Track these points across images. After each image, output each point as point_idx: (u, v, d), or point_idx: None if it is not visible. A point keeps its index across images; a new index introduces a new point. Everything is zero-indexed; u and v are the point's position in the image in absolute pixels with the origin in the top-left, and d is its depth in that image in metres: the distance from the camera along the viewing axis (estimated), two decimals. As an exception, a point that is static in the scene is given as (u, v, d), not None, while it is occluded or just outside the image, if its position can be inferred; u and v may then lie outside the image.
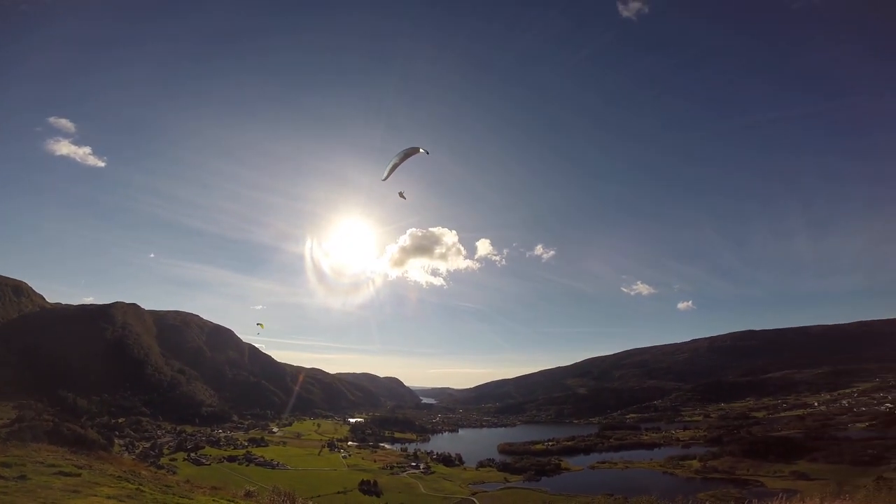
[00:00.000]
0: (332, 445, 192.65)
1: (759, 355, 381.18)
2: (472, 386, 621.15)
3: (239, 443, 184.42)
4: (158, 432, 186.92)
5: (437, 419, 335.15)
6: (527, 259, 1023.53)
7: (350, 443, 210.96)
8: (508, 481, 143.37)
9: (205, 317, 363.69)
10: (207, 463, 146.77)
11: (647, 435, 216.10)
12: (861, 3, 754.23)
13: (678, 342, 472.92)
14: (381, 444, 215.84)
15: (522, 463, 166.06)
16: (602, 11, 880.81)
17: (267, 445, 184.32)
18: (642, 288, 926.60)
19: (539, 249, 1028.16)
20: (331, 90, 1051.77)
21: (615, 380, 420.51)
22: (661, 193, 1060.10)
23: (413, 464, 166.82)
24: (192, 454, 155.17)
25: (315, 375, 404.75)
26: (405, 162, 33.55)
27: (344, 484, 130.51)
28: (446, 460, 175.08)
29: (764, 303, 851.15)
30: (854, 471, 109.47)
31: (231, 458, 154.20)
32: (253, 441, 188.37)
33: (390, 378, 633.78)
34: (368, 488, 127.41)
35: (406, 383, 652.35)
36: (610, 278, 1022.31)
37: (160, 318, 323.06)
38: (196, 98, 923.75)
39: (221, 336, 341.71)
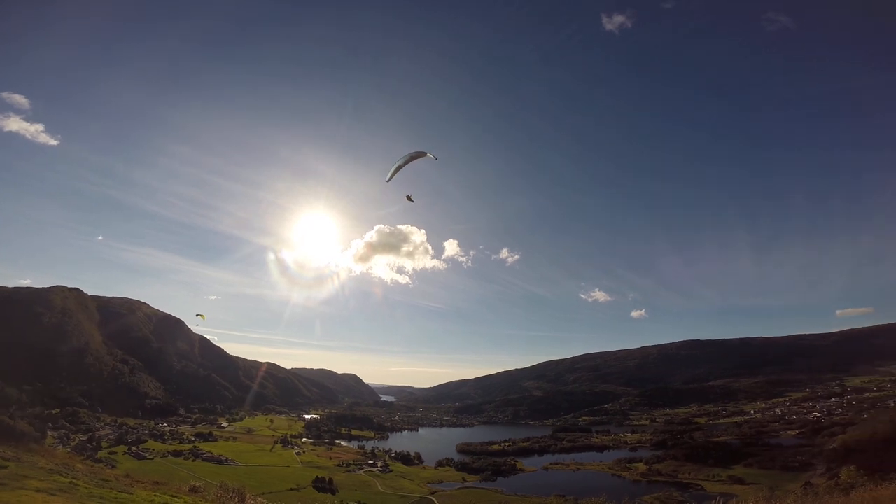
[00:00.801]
0: (285, 442, 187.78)
1: (703, 364, 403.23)
2: (432, 385, 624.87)
3: (185, 437, 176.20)
4: (97, 425, 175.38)
5: (397, 417, 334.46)
6: (492, 262, 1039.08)
7: (305, 439, 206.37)
8: (466, 481, 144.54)
9: (154, 305, 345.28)
10: (150, 457, 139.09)
11: (597, 437, 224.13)
12: (827, 33, 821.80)
13: (630, 348, 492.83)
14: (338, 442, 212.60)
15: (480, 463, 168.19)
16: (586, 23, 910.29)
17: (216, 441, 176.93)
18: (599, 295, 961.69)
19: (504, 253, 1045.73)
20: (299, 80, 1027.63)
21: (570, 383, 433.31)
22: (621, 207, 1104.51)
23: (370, 462, 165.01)
24: (134, 448, 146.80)
25: (270, 370, 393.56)
26: (407, 164, 33.21)
27: (297, 481, 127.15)
28: (405, 459, 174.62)
29: (709, 315, 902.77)
30: (784, 476, 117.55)
31: (176, 453, 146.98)
32: (200, 436, 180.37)
33: (349, 375, 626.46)
34: (323, 486, 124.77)
35: (365, 381, 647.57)
36: (569, 285, 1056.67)
37: (104, 304, 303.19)
38: (159, 81, 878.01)
39: (170, 326, 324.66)
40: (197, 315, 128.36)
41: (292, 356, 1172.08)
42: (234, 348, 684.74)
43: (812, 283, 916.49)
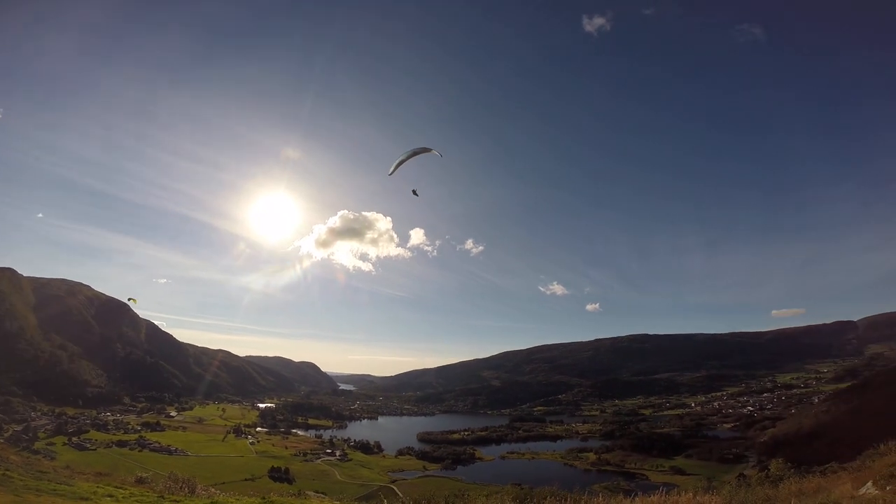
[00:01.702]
0: (238, 431, 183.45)
1: (651, 357, 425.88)
2: (393, 374, 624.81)
3: (131, 427, 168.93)
4: (33, 415, 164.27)
5: (356, 406, 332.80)
6: (457, 252, 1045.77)
7: (259, 429, 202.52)
8: (427, 469, 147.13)
9: (97, 287, 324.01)
10: (92, 448, 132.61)
11: (551, 427, 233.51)
12: (792, 48, 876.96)
13: (584, 341, 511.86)
14: (294, 431, 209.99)
15: (440, 452, 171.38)
16: (566, 23, 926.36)
17: (163, 430, 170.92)
18: (557, 288, 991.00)
19: (469, 244, 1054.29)
20: (259, 54, 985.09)
21: (526, 373, 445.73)
22: (582, 204, 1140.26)
23: (328, 451, 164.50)
24: (75, 438, 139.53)
25: (223, 358, 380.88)
26: (406, 159, 33.13)
27: (252, 471, 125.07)
28: (364, 447, 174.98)
29: (658, 310, 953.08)
30: (721, 467, 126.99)
31: (121, 444, 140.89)
32: (147, 425, 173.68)
33: (306, 363, 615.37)
34: (279, 475, 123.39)
35: (323, 369, 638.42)
36: (530, 277, 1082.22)
37: (41, 286, 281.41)
38: (110, 54, 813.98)
39: (115, 310, 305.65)
40: (129, 299, 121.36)
41: (247, 343, 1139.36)
42: (184, 334, 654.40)
43: (753, 284, 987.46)
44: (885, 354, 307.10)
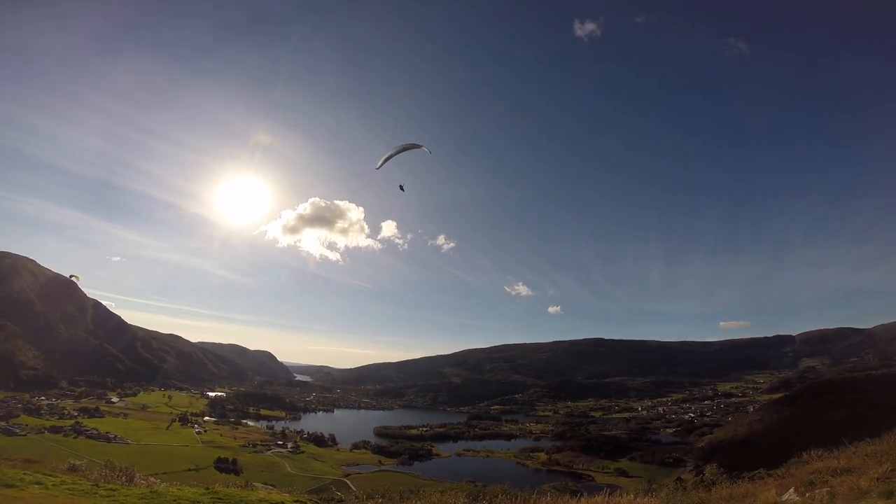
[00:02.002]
0: (184, 420, 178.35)
1: (605, 361, 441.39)
2: (353, 367, 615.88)
3: (66, 412, 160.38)
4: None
5: (312, 398, 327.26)
6: (428, 247, 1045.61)
7: (207, 418, 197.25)
8: (383, 464, 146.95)
9: (42, 263, 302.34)
10: (22, 433, 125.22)
11: (506, 426, 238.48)
12: (774, 66, 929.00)
13: (543, 342, 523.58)
14: (245, 422, 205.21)
15: (397, 447, 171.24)
16: (559, 24, 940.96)
17: (103, 417, 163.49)
18: (522, 289, 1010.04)
19: (441, 239, 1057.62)
20: (230, 32, 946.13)
21: (486, 372, 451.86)
22: (553, 207, 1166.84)
23: (280, 442, 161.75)
24: (2, 423, 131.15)
25: (173, 342, 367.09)
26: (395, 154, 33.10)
27: (196, 461, 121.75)
28: (318, 440, 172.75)
29: (617, 316, 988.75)
30: (662, 471, 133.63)
31: (55, 430, 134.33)
32: (85, 411, 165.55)
33: (262, 352, 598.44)
34: (226, 466, 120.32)
35: (280, 359, 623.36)
36: (497, 276, 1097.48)
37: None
38: (75, 26, 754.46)
39: (60, 288, 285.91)
40: (71, 276, 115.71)
41: (201, 329, 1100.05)
42: (134, 317, 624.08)
43: (706, 295, 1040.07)
44: (817, 368, 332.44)
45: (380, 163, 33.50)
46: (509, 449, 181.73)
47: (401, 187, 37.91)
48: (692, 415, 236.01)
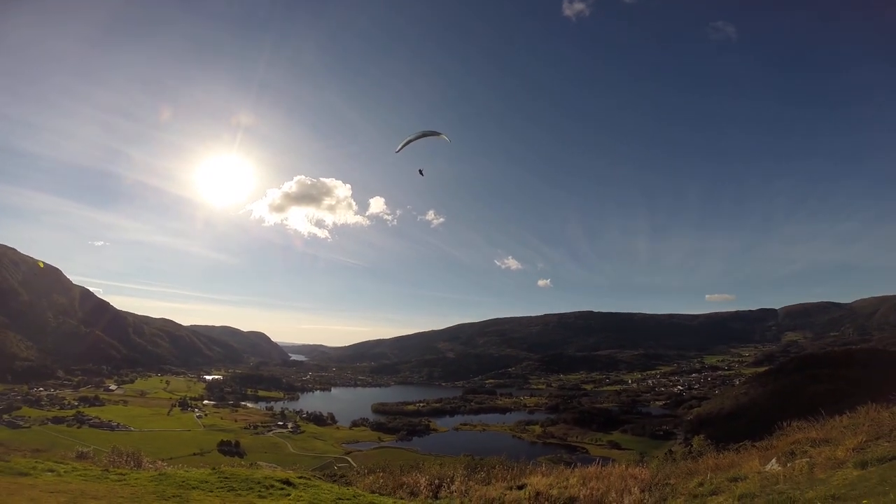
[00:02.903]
0: (184, 405, 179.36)
1: (594, 334, 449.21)
2: (347, 344, 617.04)
3: (67, 402, 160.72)
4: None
5: (308, 377, 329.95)
6: (418, 223, 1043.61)
7: (206, 402, 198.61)
8: (382, 441, 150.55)
9: (23, 251, 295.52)
10: (26, 425, 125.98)
11: (501, 400, 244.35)
12: (761, 52, 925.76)
13: (534, 315, 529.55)
14: (243, 404, 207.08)
15: (395, 423, 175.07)
16: (547, 3, 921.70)
17: (103, 405, 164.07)
18: (512, 263, 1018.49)
19: (431, 215, 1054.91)
20: (208, 8, 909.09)
21: (479, 346, 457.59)
22: (540, 183, 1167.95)
23: (280, 423, 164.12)
24: (6, 416, 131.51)
25: (165, 327, 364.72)
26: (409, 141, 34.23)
27: (200, 445, 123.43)
28: (317, 419, 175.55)
29: (605, 289, 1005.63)
30: (653, 443, 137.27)
31: (57, 420, 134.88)
32: (85, 400, 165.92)
33: (255, 333, 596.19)
34: (229, 449, 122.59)
35: (274, 339, 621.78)
36: (486, 251, 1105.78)
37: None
38: (53, 11, 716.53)
39: (46, 276, 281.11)
40: (37, 262, 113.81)
41: (192, 312, 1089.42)
42: (122, 302, 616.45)
43: (691, 269, 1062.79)
44: (799, 342, 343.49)
45: (399, 146, 34.23)
46: (505, 422, 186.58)
47: (420, 171, 38.41)
48: (680, 388, 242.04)
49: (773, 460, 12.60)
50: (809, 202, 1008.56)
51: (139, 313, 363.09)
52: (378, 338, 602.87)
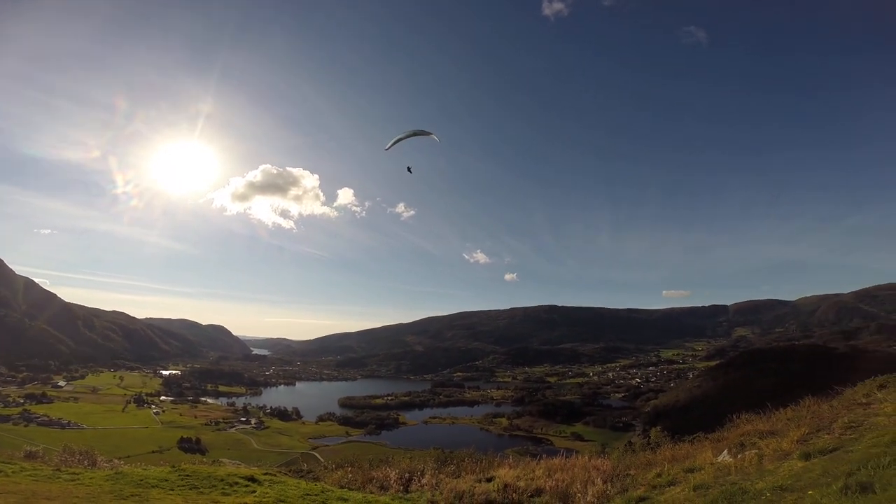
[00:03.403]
0: (140, 401, 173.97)
1: (558, 328, 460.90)
2: (312, 338, 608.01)
3: (12, 400, 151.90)
4: None
5: (272, 372, 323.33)
6: (388, 215, 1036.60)
7: (163, 398, 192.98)
8: (350, 435, 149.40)
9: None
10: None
11: (469, 393, 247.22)
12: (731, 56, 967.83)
13: (500, 309, 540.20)
14: (203, 399, 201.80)
15: (363, 417, 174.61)
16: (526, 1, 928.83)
17: (52, 402, 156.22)
18: (480, 256, 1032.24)
19: (401, 207, 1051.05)
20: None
21: (447, 339, 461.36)
22: (510, 177, 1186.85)
23: (243, 419, 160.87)
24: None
25: (118, 320, 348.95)
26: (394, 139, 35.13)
27: (159, 443, 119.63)
28: (282, 414, 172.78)
29: (568, 282, 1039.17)
30: (613, 434, 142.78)
31: (2, 419, 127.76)
32: (32, 397, 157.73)
33: (215, 326, 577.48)
34: (190, 446, 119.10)
35: (235, 332, 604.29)
36: (456, 244, 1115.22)
37: None
38: None
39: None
40: None
41: (147, 304, 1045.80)
42: (71, 294, 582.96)
43: (650, 265, 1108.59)
44: (748, 337, 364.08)
45: (389, 144, 34.63)
46: (473, 415, 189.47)
47: (408, 169, 38.38)
48: (639, 380, 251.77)
49: (725, 451, 13.11)
50: (761, 203, 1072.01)
51: (90, 305, 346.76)
52: (344, 331, 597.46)
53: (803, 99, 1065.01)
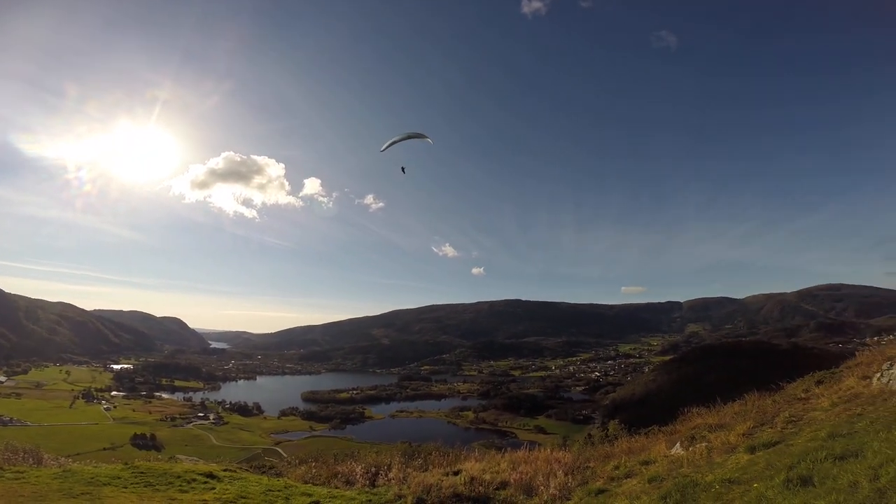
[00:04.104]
0: (89, 396, 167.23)
1: (522, 322, 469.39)
2: (274, 331, 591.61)
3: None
4: None
5: (231, 366, 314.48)
6: (355, 206, 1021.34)
7: (115, 393, 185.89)
8: (314, 430, 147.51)
9: None
10: None
11: (436, 386, 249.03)
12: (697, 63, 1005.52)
13: (467, 302, 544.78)
14: (158, 394, 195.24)
15: (328, 411, 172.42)
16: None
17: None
18: (449, 250, 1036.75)
19: (370, 199, 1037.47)
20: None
21: (414, 332, 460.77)
22: (480, 173, 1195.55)
23: (201, 414, 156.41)
24: None
25: (65, 312, 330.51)
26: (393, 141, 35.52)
27: (111, 439, 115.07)
28: (242, 409, 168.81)
29: (533, 278, 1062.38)
30: (574, 427, 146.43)
31: None
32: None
33: (171, 318, 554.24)
34: (144, 443, 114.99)
35: (192, 325, 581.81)
36: (425, 237, 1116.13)
37: None
38: None
39: None
40: None
41: (97, 295, 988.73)
42: (13, 284, 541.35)
43: (611, 262, 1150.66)
44: (699, 333, 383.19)
45: (384, 146, 35.21)
46: (440, 409, 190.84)
47: (402, 169, 38.61)
48: (598, 374, 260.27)
49: (678, 444, 13.62)
50: (716, 205, 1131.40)
51: (33, 297, 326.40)
52: (308, 324, 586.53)
53: (756, 111, 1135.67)
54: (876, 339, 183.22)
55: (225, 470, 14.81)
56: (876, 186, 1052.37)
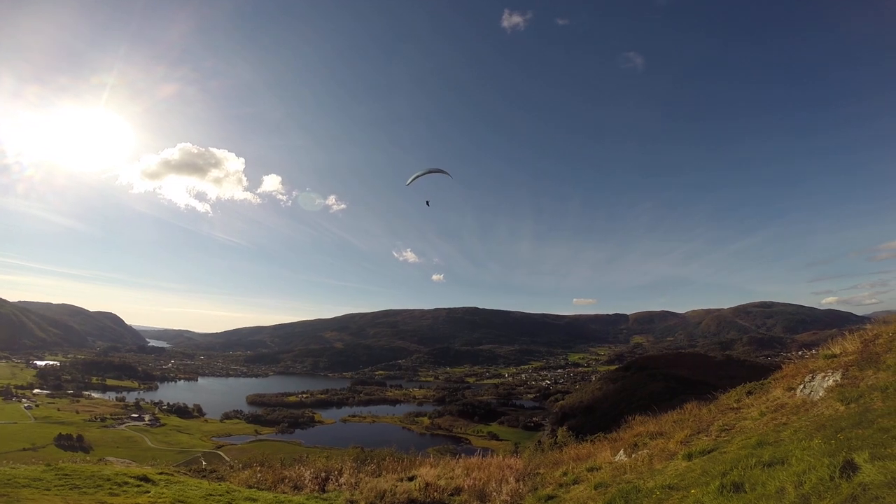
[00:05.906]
0: (7, 394, 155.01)
1: (478, 329, 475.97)
2: (219, 331, 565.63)
3: None
4: None
5: (170, 365, 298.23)
6: (316, 205, 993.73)
7: (38, 391, 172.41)
8: (259, 433, 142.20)
9: None
10: None
11: (391, 391, 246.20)
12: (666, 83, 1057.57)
13: (425, 309, 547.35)
14: (87, 393, 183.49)
15: (275, 415, 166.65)
16: (489, 11, 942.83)
17: None
18: (410, 255, 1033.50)
19: (332, 200, 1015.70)
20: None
21: (370, 337, 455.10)
22: (445, 180, 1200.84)
23: (135, 415, 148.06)
24: None
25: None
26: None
27: (31, 439, 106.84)
28: (181, 411, 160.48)
29: (490, 286, 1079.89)
30: (525, 434, 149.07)
31: None
32: None
33: (105, 313, 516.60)
34: (70, 444, 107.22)
35: (128, 322, 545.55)
36: (386, 242, 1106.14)
37: None
38: None
39: None
40: None
41: (21, 285, 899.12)
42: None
43: (564, 274, 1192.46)
44: (643, 345, 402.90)
45: (409, 181, 38.61)
46: (395, 414, 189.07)
47: (427, 203, 43.49)
48: (548, 382, 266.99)
49: (622, 451, 14.23)
50: (665, 224, 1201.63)
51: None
52: (257, 325, 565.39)
53: (708, 146, 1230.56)
54: (800, 353, 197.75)
55: (161, 473, 14.19)
56: (807, 214, 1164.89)
